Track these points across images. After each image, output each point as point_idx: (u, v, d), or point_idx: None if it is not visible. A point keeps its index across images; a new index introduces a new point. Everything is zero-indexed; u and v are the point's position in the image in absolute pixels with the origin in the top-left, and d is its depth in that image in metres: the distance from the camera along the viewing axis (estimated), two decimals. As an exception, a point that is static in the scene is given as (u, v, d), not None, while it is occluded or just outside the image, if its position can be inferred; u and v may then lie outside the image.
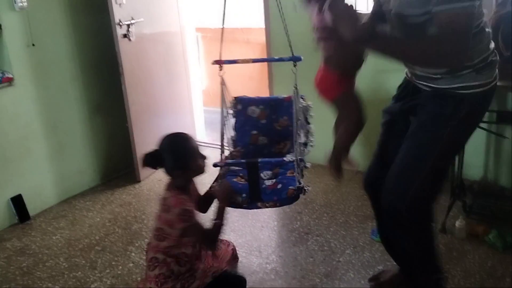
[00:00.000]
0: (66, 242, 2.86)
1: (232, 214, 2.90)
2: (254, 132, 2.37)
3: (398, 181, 1.83)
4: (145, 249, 2.17)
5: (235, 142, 2.40)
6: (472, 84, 1.67)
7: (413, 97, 1.85)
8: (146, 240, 2.80)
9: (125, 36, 3.30)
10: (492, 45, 1.70)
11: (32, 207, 3.18)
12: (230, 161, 2.23)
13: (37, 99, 3.14)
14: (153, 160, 1.95)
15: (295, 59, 2.10)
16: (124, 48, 3.31)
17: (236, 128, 2.41)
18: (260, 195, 2.02)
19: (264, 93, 3.77)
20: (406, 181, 1.81)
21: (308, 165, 2.13)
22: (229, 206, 2.04)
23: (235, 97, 2.40)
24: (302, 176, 2.10)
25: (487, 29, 1.66)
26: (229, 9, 2.14)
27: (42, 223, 3.10)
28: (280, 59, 2.19)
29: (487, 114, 2.78)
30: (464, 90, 1.68)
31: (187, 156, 1.96)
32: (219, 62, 2.09)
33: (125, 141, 3.55)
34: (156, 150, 1.95)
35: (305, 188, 2.04)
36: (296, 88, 2.10)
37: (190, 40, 4.17)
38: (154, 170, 2.06)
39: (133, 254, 2.69)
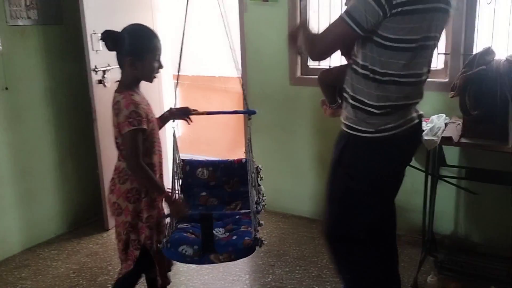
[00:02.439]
0: (27, 294, 2.74)
1: (202, 267, 2.84)
2: (203, 193, 2.33)
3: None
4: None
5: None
6: (359, 128, 1.78)
7: None
8: (111, 293, 2.70)
9: (100, 82, 3.30)
10: (399, 102, 1.76)
11: (-6, 255, 3.05)
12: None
13: (7, 144, 3.07)
14: (110, 37, 1.90)
15: (249, 113, 2.14)
16: (99, 94, 3.30)
17: (184, 189, 2.34)
18: (214, 246, 1.95)
19: (240, 141, 3.78)
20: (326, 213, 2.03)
21: (262, 222, 2.11)
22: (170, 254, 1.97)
23: (183, 160, 2.40)
24: (257, 231, 2.06)
25: (397, 86, 1.72)
26: (207, 58, 2.18)
27: (3, 272, 2.96)
28: (236, 112, 2.24)
29: (456, 170, 2.85)
30: (350, 130, 1.80)
31: (147, 46, 1.92)
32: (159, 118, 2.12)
33: (95, 188, 3.48)
34: (117, 31, 1.91)
35: (262, 240, 1.99)
36: (249, 141, 2.14)
37: (167, 87, 4.19)
38: None
39: (97, 308, 2.59)
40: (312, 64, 3.40)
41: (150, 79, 2.00)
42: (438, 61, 2.96)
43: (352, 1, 1.67)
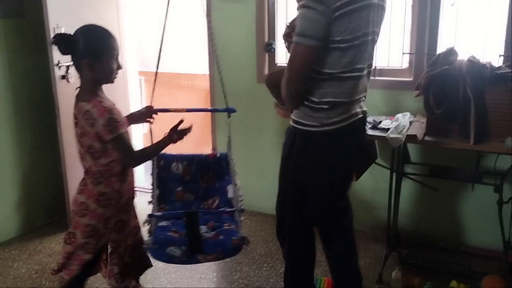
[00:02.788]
0: (-15, 296, 2.64)
1: (169, 266, 2.80)
2: (179, 188, 2.32)
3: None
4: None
5: (159, 199, 2.29)
6: (305, 122, 1.88)
7: None
8: (75, 293, 2.63)
9: (63, 77, 3.21)
10: (342, 98, 1.86)
11: (-50, 257, 2.93)
12: (167, 212, 2.16)
13: (-37, 140, 2.96)
14: (63, 40, 1.81)
15: (229, 111, 2.15)
16: (62, 90, 3.20)
17: (159, 185, 2.31)
18: (201, 246, 1.95)
19: (207, 139, 3.76)
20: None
21: (242, 218, 2.13)
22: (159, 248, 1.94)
23: None
24: (241, 227, 2.08)
25: (341, 82, 1.82)
26: (173, 54, 2.15)
27: (-41, 274, 2.85)
28: (215, 110, 2.24)
29: (420, 167, 2.92)
30: (297, 125, 1.91)
31: (103, 46, 1.86)
32: (129, 119, 2.09)
33: (57, 186, 3.38)
34: (70, 34, 1.83)
35: (248, 239, 2.02)
36: (229, 139, 2.14)
37: (133, 84, 4.12)
38: None
39: (60, 309, 2.51)
40: (280, 62, 3.41)
41: (110, 80, 1.93)
42: (403, 60, 3.03)
43: (297, 25, 1.75)
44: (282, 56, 3.40)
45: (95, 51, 1.84)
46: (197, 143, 4.37)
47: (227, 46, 3.42)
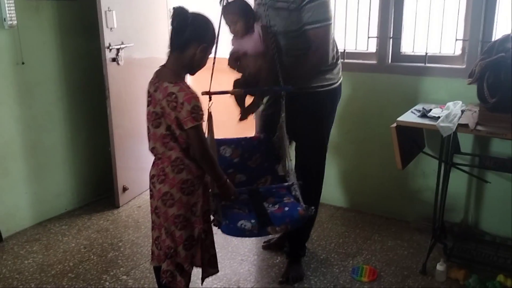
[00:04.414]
0: (38, 267, 2.76)
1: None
2: (230, 170, 2.33)
3: None
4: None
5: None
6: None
7: None
8: (122, 269, 2.73)
9: (114, 60, 3.29)
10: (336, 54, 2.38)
11: (5, 229, 3.07)
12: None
13: (19, 118, 3.08)
14: (182, 16, 1.81)
15: (286, 89, 2.14)
16: (112, 72, 3.29)
17: None
18: (270, 219, 2.00)
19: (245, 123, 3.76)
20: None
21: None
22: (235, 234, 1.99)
23: None
24: (300, 199, 2.13)
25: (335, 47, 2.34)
26: (221, 38, 2.16)
27: (14, 245, 3.00)
28: (273, 89, 2.23)
29: (470, 158, 2.83)
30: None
31: (213, 41, 1.90)
32: (209, 93, 2.08)
33: (106, 165, 3.50)
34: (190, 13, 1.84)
35: (312, 208, 2.07)
36: (283, 119, 2.19)
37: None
38: (132, 197, 1.99)
39: (107, 283, 2.61)
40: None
41: (196, 71, 1.95)
42: (455, 47, 2.93)
43: (319, 10, 2.12)
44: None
45: (210, 41, 1.88)
46: (237, 128, 4.39)
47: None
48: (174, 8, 1.84)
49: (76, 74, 3.41)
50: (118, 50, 3.30)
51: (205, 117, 1.90)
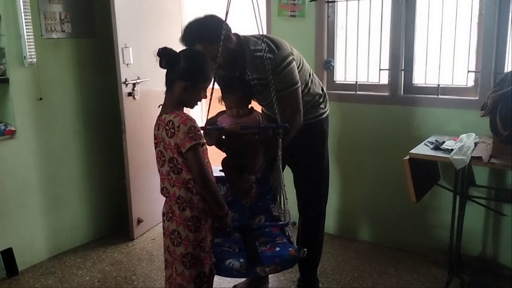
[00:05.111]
0: (52, 301, 2.78)
1: (225, 280, 2.83)
2: None
3: None
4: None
5: None
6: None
7: None
8: (135, 303, 2.72)
9: (130, 94, 3.36)
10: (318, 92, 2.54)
11: (22, 262, 3.10)
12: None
13: (37, 153, 3.15)
14: (168, 56, 1.88)
15: (282, 127, 2.14)
16: (128, 106, 3.36)
17: None
18: (259, 258, 1.95)
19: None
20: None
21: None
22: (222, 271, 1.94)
23: None
24: (294, 240, 2.09)
25: (312, 87, 2.49)
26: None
27: (30, 279, 3.02)
28: (267, 126, 2.24)
29: (486, 190, 2.80)
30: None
31: (203, 75, 1.92)
32: (204, 129, 2.11)
33: (121, 198, 3.53)
34: (176, 52, 1.92)
35: (305, 250, 2.00)
36: (279, 157, 2.15)
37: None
38: (147, 230, 1.99)
39: (120, 318, 2.60)
40: (339, 79, 3.40)
41: (193, 106, 1.99)
42: (468, 79, 2.92)
43: (286, 78, 2.24)
44: (341, 74, 3.38)
45: (194, 77, 1.90)
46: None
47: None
48: (159, 49, 1.91)
49: (92, 109, 3.49)
50: (134, 85, 3.38)
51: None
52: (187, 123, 1.83)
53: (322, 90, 2.60)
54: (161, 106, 1.98)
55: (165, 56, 1.91)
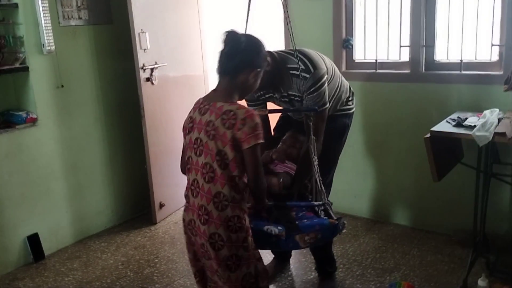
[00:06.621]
0: (78, 284, 2.84)
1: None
2: None
3: None
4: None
5: None
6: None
7: None
8: (157, 285, 2.77)
9: (148, 79, 3.37)
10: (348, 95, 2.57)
11: (48, 247, 3.18)
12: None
13: (59, 140, 3.21)
14: (234, 41, 1.78)
15: (312, 110, 2.11)
16: (147, 91, 3.37)
17: None
18: (298, 226, 1.88)
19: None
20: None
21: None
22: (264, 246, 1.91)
23: None
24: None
25: (341, 90, 2.50)
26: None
27: (56, 263, 3.10)
28: (297, 109, 2.21)
29: (511, 167, 2.71)
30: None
31: (263, 60, 1.85)
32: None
33: (143, 183, 3.57)
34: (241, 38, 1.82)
35: (345, 222, 1.98)
36: (313, 140, 2.11)
37: (213, 83, 4.21)
38: (169, 214, 1.91)
39: (143, 299, 2.65)
40: (358, 58, 3.33)
41: (248, 94, 1.94)
42: (492, 52, 2.82)
43: (318, 98, 2.23)
44: (360, 52, 3.31)
45: (262, 65, 1.86)
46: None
47: (304, 43, 3.35)
48: (226, 32, 1.81)
49: (112, 95, 3.52)
50: (152, 70, 3.39)
51: None
52: (255, 118, 1.70)
53: (350, 89, 2.62)
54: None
55: (233, 41, 1.81)
